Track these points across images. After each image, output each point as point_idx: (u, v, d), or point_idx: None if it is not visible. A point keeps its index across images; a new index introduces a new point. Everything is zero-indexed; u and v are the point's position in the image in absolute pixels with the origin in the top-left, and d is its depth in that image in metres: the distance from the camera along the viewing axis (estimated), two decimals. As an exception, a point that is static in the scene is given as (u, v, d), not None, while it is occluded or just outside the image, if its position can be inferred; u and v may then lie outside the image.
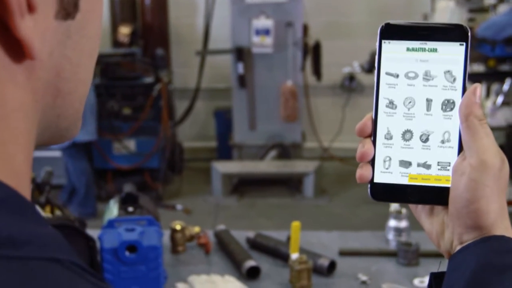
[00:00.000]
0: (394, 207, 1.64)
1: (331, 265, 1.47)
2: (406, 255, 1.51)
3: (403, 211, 1.63)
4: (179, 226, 1.62)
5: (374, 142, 0.59)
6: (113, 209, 1.49)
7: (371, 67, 4.31)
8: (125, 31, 4.78)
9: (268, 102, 4.73)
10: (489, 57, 3.83)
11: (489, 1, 4.06)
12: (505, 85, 3.89)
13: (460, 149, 0.58)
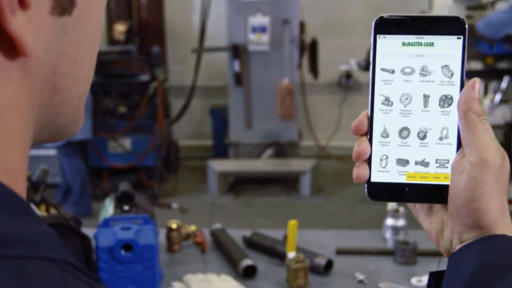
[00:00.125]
0: (391, 205, 1.63)
1: (328, 264, 1.47)
2: (403, 254, 1.50)
3: (401, 209, 1.63)
4: (175, 224, 1.61)
5: (370, 140, 0.58)
6: (108, 207, 1.48)
7: (368, 65, 4.28)
8: (120, 28, 4.76)
9: (264, 100, 4.72)
10: (487, 55, 3.83)
11: None
12: (503, 83, 3.88)
13: (459, 146, 0.57)
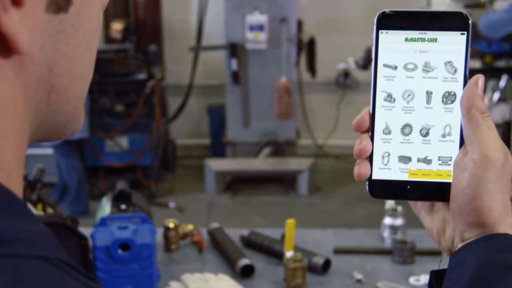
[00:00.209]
0: (389, 204, 1.62)
1: (326, 264, 1.46)
2: (401, 253, 1.50)
3: (399, 208, 1.62)
4: (172, 224, 1.61)
5: (372, 137, 0.57)
6: (105, 207, 1.48)
7: (366, 63, 4.29)
8: (117, 27, 4.75)
9: (262, 99, 4.71)
10: (485, 53, 3.82)
11: None
12: (502, 82, 3.88)
13: (461, 143, 0.56)
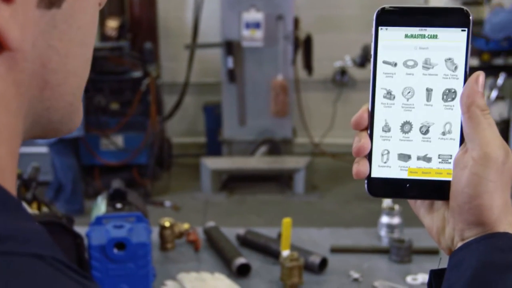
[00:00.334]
0: (386, 203, 1.62)
1: (323, 262, 1.46)
2: (398, 252, 1.49)
3: (396, 207, 1.62)
4: (168, 223, 1.60)
5: (371, 135, 0.57)
6: (101, 205, 1.47)
7: (363, 61, 4.29)
8: (112, 24, 4.73)
9: (258, 97, 4.70)
10: (483, 51, 3.81)
11: None
12: (499, 79, 3.87)
13: (462, 141, 0.56)
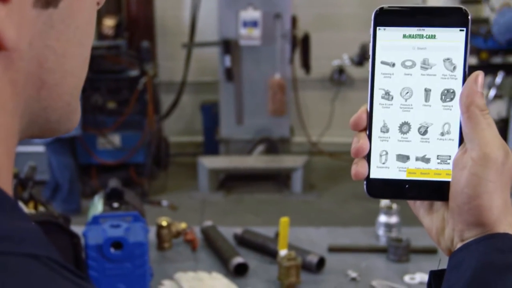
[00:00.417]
0: (384, 202, 1.62)
1: (320, 262, 1.46)
2: (396, 251, 1.49)
3: (394, 206, 1.61)
4: (165, 222, 1.59)
5: (369, 136, 0.57)
6: (97, 205, 1.47)
7: (361, 60, 4.28)
8: (109, 23, 4.71)
9: (255, 95, 4.70)
10: (481, 49, 3.80)
11: None
12: (498, 78, 3.87)
13: (461, 141, 0.56)
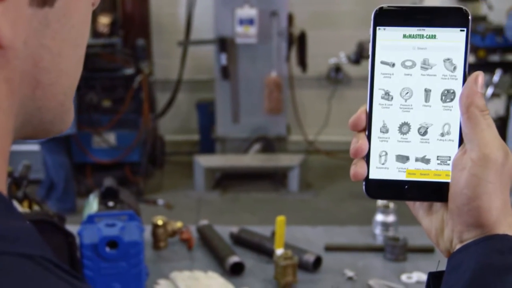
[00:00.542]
0: (381, 201, 1.61)
1: (317, 261, 1.45)
2: (393, 250, 1.49)
3: (391, 205, 1.61)
4: (160, 221, 1.59)
5: (369, 136, 0.56)
6: (93, 204, 1.46)
7: (358, 58, 4.28)
8: (104, 21, 4.69)
9: (252, 94, 4.69)
10: (479, 48, 3.80)
11: None
12: (495, 76, 3.87)
13: (461, 142, 0.55)
